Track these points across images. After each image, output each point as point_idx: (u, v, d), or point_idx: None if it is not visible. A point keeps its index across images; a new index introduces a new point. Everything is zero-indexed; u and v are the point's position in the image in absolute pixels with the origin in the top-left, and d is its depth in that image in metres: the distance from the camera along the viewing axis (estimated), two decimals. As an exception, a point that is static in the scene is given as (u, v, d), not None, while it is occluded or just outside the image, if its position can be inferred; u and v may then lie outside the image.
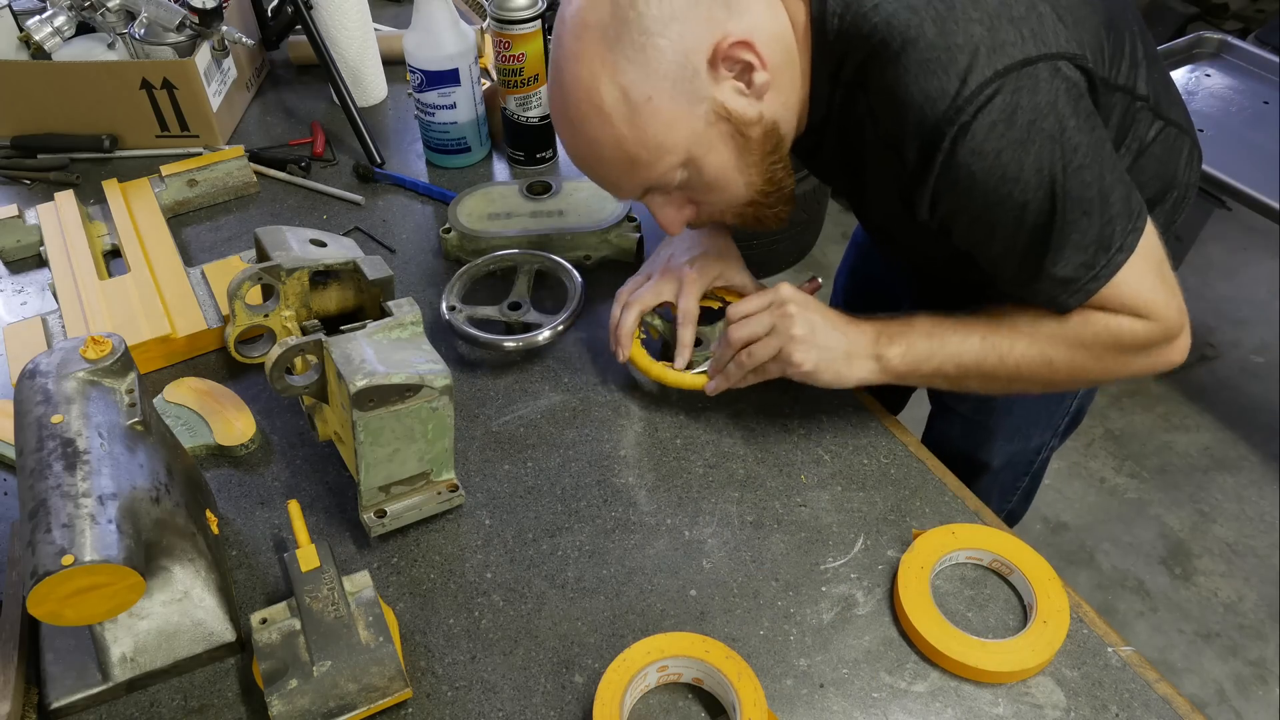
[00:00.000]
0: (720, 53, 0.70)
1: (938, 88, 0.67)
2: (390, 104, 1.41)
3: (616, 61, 0.70)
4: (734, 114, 0.73)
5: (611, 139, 0.73)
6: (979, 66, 0.66)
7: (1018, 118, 0.67)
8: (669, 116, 0.72)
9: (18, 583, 0.73)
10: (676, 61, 0.70)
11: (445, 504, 0.81)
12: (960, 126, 0.67)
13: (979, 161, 0.68)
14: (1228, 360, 2.27)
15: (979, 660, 0.69)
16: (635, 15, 0.69)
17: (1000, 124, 0.67)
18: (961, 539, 0.76)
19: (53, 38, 1.27)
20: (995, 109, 0.67)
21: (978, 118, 0.67)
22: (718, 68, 0.71)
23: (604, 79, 0.70)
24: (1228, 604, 1.81)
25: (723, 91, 0.72)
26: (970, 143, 0.68)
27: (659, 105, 0.71)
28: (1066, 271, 0.73)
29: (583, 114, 0.72)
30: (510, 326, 0.97)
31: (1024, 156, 0.68)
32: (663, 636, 0.69)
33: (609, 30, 0.69)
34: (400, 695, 0.68)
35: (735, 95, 0.73)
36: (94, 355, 0.69)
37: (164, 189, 1.17)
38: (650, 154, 0.74)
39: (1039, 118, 0.68)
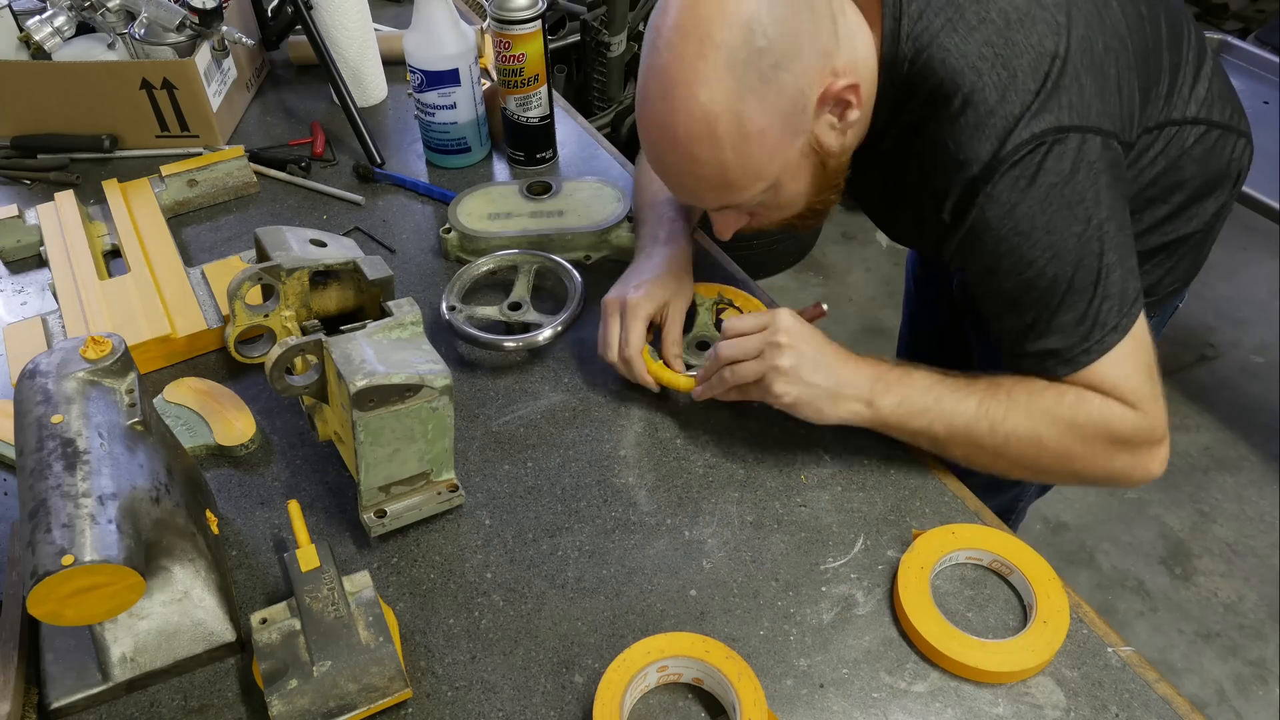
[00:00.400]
0: (831, 93, 0.72)
1: (985, 149, 0.71)
2: (390, 104, 1.41)
3: (741, 92, 0.69)
4: (824, 147, 0.76)
5: (715, 162, 0.73)
6: (1019, 129, 0.70)
7: (1040, 179, 0.71)
8: (773, 148, 0.73)
9: (18, 583, 0.73)
10: (793, 97, 0.71)
11: (445, 504, 0.81)
12: (994, 182, 0.71)
13: (995, 209, 0.72)
14: (1228, 360, 2.28)
15: (979, 660, 0.69)
16: (766, 45, 0.68)
17: (1023, 180, 0.71)
18: (962, 539, 0.77)
19: (53, 38, 1.27)
20: (1022, 165, 0.70)
21: (1007, 173, 0.71)
22: (824, 105, 0.73)
23: (724, 106, 0.69)
24: (1228, 604, 1.81)
25: (820, 126, 0.75)
26: (992, 191, 0.71)
27: (769, 137, 0.72)
28: (1059, 340, 0.75)
29: (692, 134, 0.72)
30: (510, 326, 0.97)
31: (1039, 216, 0.72)
32: (663, 636, 0.69)
33: (738, 56, 0.68)
34: (400, 695, 0.68)
35: (829, 130, 0.75)
36: (94, 355, 0.69)
37: (164, 189, 1.17)
38: (747, 181, 0.75)
39: (1061, 183, 0.71)
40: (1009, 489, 1.22)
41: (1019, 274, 0.74)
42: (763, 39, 0.68)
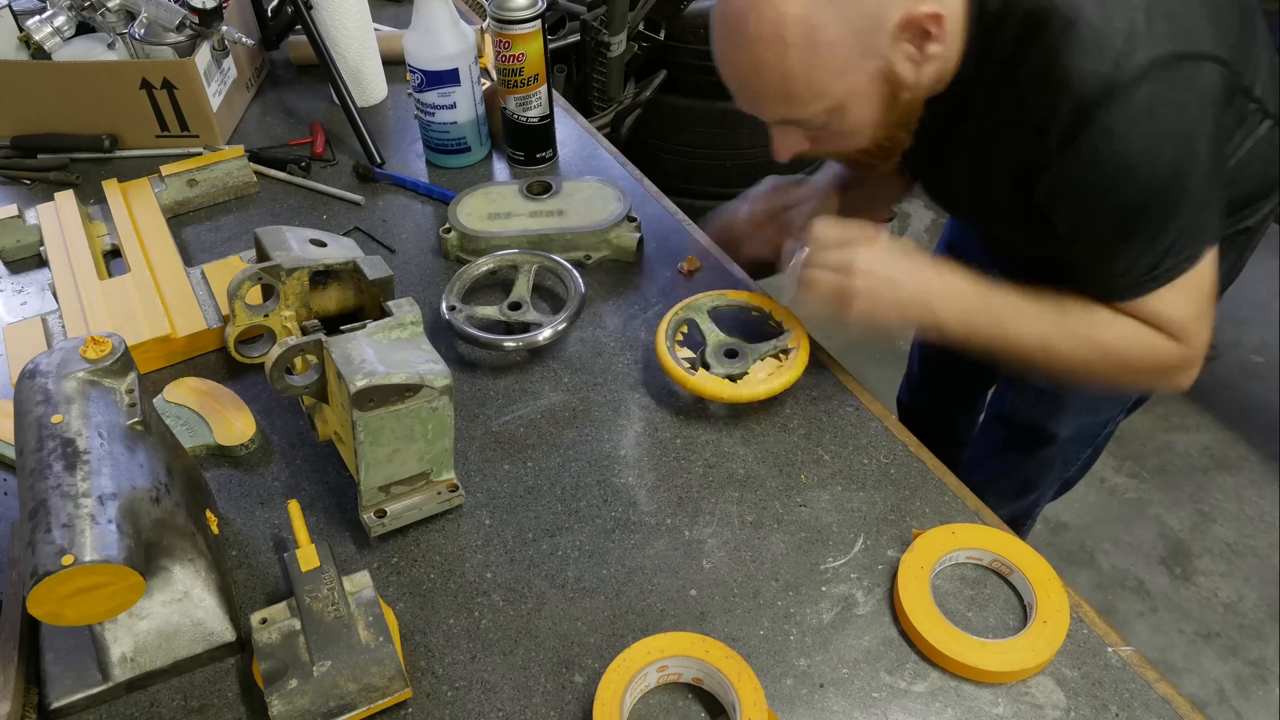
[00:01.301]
0: (913, 19, 0.70)
1: (1093, 69, 0.68)
2: (390, 104, 1.41)
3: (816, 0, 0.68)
4: (898, 77, 0.74)
5: (779, 69, 0.72)
6: (1135, 52, 0.68)
7: (1155, 111, 0.69)
8: (842, 65, 0.71)
9: (18, 583, 0.73)
10: (872, 15, 0.69)
11: (445, 504, 0.81)
12: (1107, 109, 0.69)
13: (1106, 142, 0.70)
14: (1228, 360, 2.27)
15: (979, 660, 0.69)
16: None
17: (1138, 111, 0.69)
18: (961, 539, 0.77)
19: (53, 38, 1.27)
20: (1138, 93, 0.68)
21: (1121, 99, 0.68)
22: (904, 31, 0.71)
23: (798, 10, 0.68)
24: (1228, 604, 1.81)
25: (896, 54, 0.73)
26: (1106, 119, 0.69)
27: (839, 52, 0.70)
28: (1130, 264, 0.76)
29: (760, 35, 0.70)
30: (510, 326, 0.97)
31: (1149, 149, 0.70)
32: (663, 636, 0.69)
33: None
34: (400, 695, 0.68)
35: (905, 60, 0.73)
36: (94, 355, 0.69)
37: (164, 189, 1.17)
38: (810, 94, 0.74)
39: (1174, 115, 0.69)
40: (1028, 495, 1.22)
41: (1111, 202, 0.73)
42: None
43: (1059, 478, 1.24)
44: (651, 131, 2.33)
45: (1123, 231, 0.75)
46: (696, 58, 2.20)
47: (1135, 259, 0.76)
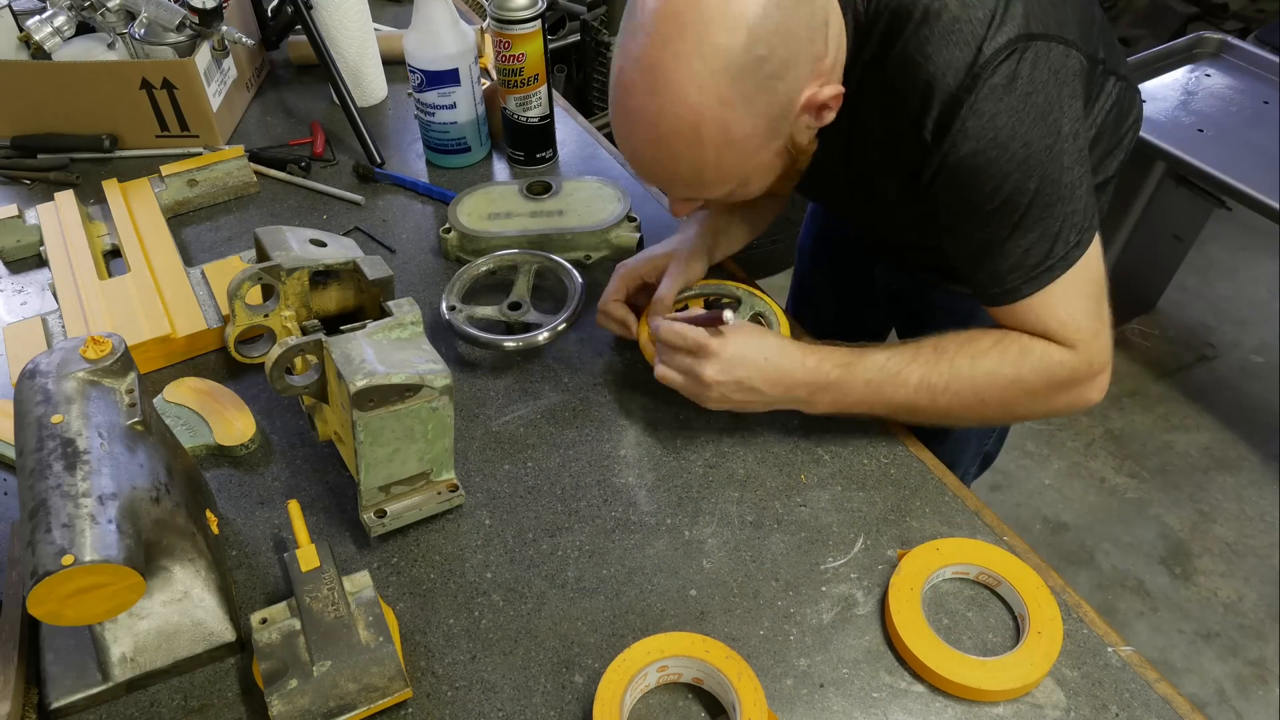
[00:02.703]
0: (814, 102, 0.72)
1: (958, 56, 0.69)
2: (390, 104, 1.41)
3: (735, 99, 0.68)
4: (796, 147, 0.76)
5: (693, 162, 0.72)
6: (993, 36, 0.68)
7: (1016, 86, 0.69)
8: (751, 151, 0.73)
9: (18, 583, 0.73)
10: (782, 106, 0.71)
11: (445, 504, 0.81)
12: (974, 92, 0.69)
13: (976, 121, 0.70)
14: (1228, 360, 2.27)
15: (980, 681, 0.68)
16: (766, 53, 0.67)
17: (1000, 89, 0.69)
18: (946, 554, 0.76)
19: (53, 38, 1.27)
20: (999, 74, 0.69)
21: (986, 82, 0.69)
22: (805, 111, 0.72)
23: (715, 112, 0.68)
24: (1228, 604, 1.81)
25: (798, 129, 0.74)
26: (975, 102, 0.69)
27: (750, 143, 0.72)
28: (1019, 257, 0.75)
29: (676, 132, 0.70)
30: (510, 326, 0.97)
31: (1017, 126, 0.70)
32: (663, 636, 0.69)
33: (736, 64, 0.66)
34: (400, 695, 0.68)
35: (804, 130, 0.75)
36: (94, 355, 0.69)
37: (164, 189, 1.17)
38: (721, 180, 0.75)
39: (1035, 91, 0.70)
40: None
41: (991, 188, 0.72)
42: (764, 47, 0.66)
43: (978, 453, 1.24)
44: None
45: (1010, 219, 0.73)
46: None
47: (1028, 249, 0.74)
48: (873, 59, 0.74)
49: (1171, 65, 1.98)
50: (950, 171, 0.73)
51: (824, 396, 0.81)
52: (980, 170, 0.72)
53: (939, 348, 0.80)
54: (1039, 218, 0.73)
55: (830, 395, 0.81)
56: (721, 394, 0.81)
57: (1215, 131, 1.81)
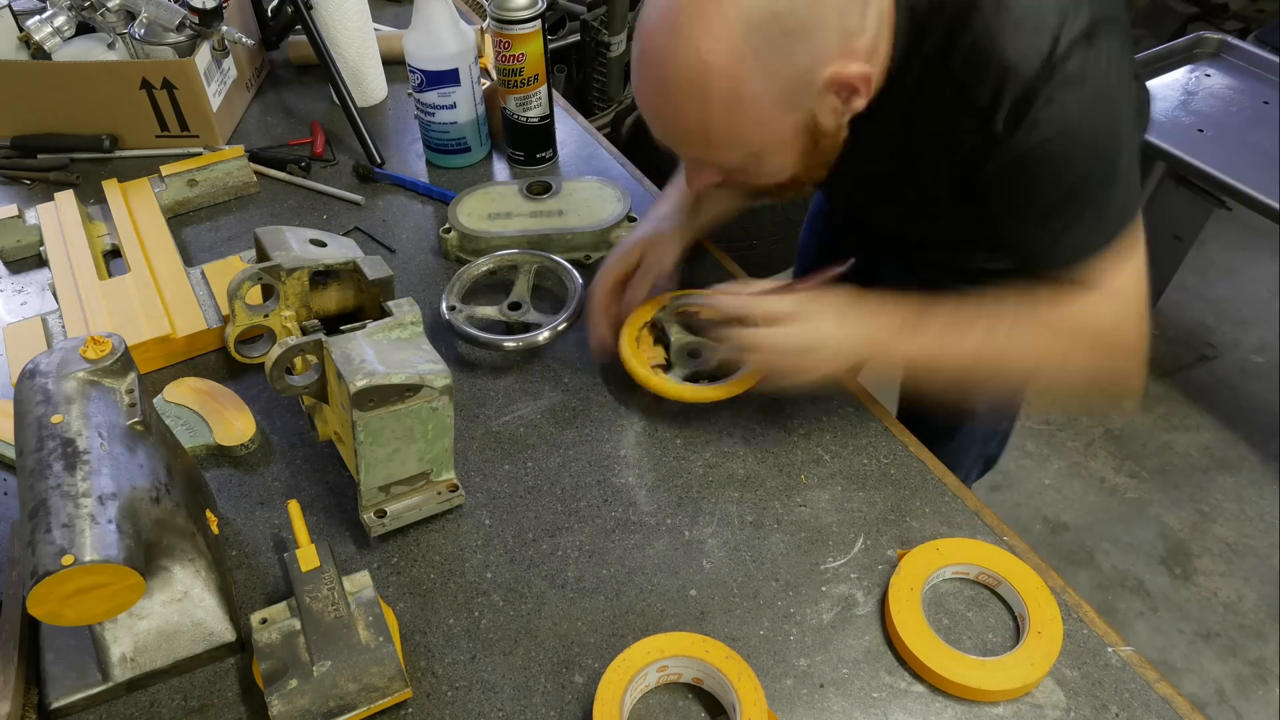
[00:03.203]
0: (841, 77, 0.69)
1: (1036, 45, 0.67)
2: (390, 104, 1.41)
3: (745, 53, 0.65)
4: (820, 128, 0.73)
5: (699, 116, 0.70)
6: (1069, 25, 0.67)
7: (1087, 76, 0.68)
8: (764, 118, 0.70)
9: (18, 583, 0.73)
10: (799, 72, 0.67)
11: (445, 504, 0.81)
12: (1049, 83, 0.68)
13: (1049, 116, 0.69)
14: (1228, 360, 2.27)
15: (981, 681, 0.68)
16: (785, 9, 0.64)
17: (1075, 78, 0.68)
18: (946, 555, 0.76)
19: (53, 38, 1.27)
20: (1073, 63, 0.68)
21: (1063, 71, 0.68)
22: (831, 87, 0.69)
23: (724, 63, 0.66)
24: (1228, 604, 1.81)
25: (821, 107, 0.71)
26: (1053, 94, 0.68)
27: (762, 105, 0.68)
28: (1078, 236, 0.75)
29: (684, 80, 0.68)
30: (510, 326, 0.97)
31: (1085, 115, 0.69)
32: (663, 636, 0.69)
33: (753, 14, 0.64)
34: (400, 695, 0.68)
35: (829, 112, 0.72)
36: (94, 355, 0.69)
37: (164, 189, 1.17)
38: (728, 142, 0.72)
39: (1103, 80, 0.69)
40: None
41: (1055, 178, 0.72)
42: (784, 3, 0.64)
43: (980, 455, 1.24)
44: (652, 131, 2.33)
45: (1071, 207, 0.73)
46: (696, 58, 2.20)
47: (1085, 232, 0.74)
48: (935, 51, 0.71)
49: (1171, 65, 1.98)
50: (1016, 161, 0.72)
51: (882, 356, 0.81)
52: (1048, 160, 0.71)
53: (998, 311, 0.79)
54: (1101, 201, 0.73)
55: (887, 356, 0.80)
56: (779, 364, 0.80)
57: (1215, 131, 1.81)
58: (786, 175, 0.78)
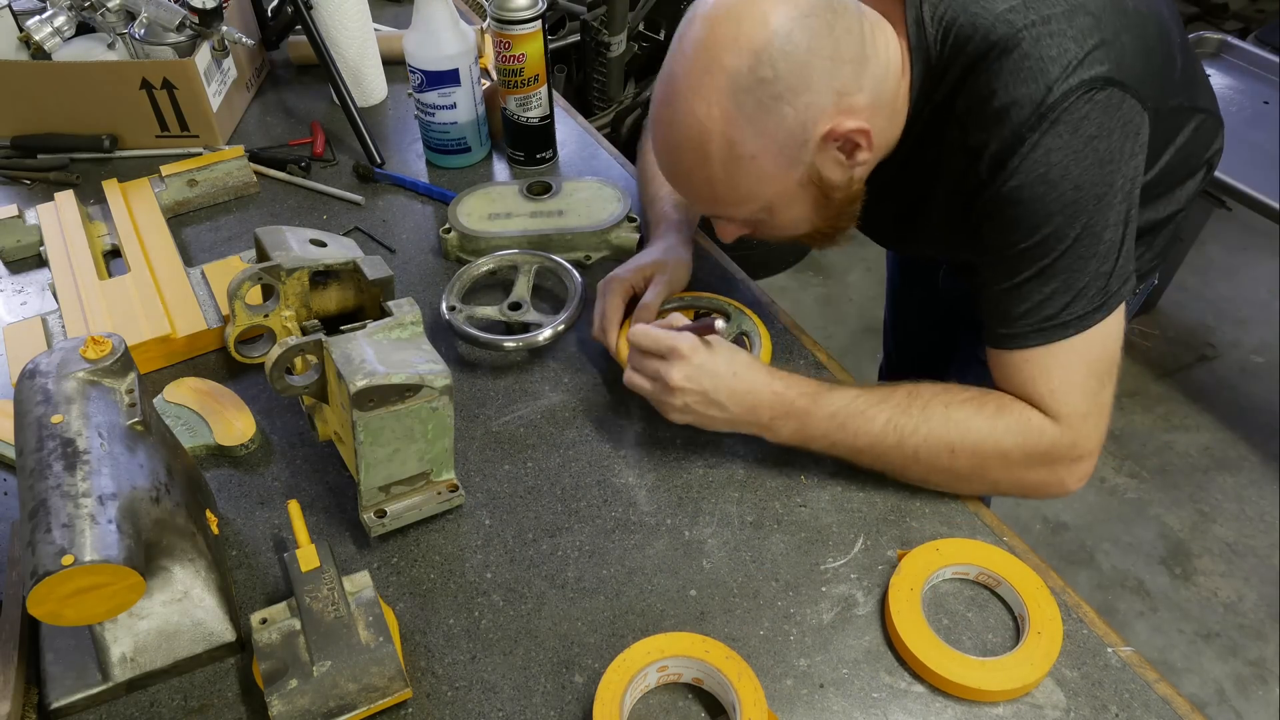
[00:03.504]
0: (836, 134, 0.71)
1: (1026, 94, 0.69)
2: (390, 104, 1.41)
3: (736, 116, 0.70)
4: (825, 181, 0.75)
5: (704, 176, 0.74)
6: (1068, 75, 0.68)
7: (1082, 129, 0.69)
8: (765, 175, 0.73)
9: (18, 583, 0.73)
10: (793, 131, 0.71)
11: (445, 504, 0.81)
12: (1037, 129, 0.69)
13: (1035, 156, 0.70)
14: (1228, 360, 2.28)
15: (981, 681, 0.68)
16: (770, 76, 0.68)
17: (1066, 128, 0.69)
18: (946, 555, 0.76)
19: (53, 38, 1.27)
20: (1069, 113, 0.68)
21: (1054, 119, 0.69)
22: (829, 142, 0.72)
23: (718, 126, 0.70)
24: (1228, 604, 1.81)
25: (823, 161, 0.74)
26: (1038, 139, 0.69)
27: (760, 164, 0.72)
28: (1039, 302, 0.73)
29: (686, 144, 0.73)
30: (510, 326, 0.97)
31: (1072, 167, 0.70)
32: (663, 636, 0.69)
33: (740, 82, 0.69)
34: (400, 695, 0.68)
35: (834, 165, 0.74)
36: (94, 355, 0.69)
37: (164, 189, 1.17)
38: (736, 199, 0.76)
39: (1100, 137, 0.69)
40: None
41: (1030, 225, 0.71)
42: (769, 70, 0.68)
43: None
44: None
45: (1038, 261, 0.72)
46: (696, 58, 2.20)
47: (1046, 297, 0.73)
48: (944, 98, 0.74)
49: (1171, 65, 1.98)
50: (997, 203, 0.72)
51: (786, 424, 0.80)
52: (1024, 204, 0.71)
53: (914, 393, 0.78)
54: (1067, 268, 0.72)
55: (793, 424, 0.80)
56: (685, 403, 0.80)
57: (1215, 131, 1.81)
58: (807, 227, 0.81)
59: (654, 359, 0.81)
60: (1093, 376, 0.75)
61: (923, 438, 0.76)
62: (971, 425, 0.76)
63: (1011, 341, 0.76)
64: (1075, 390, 0.75)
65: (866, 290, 2.54)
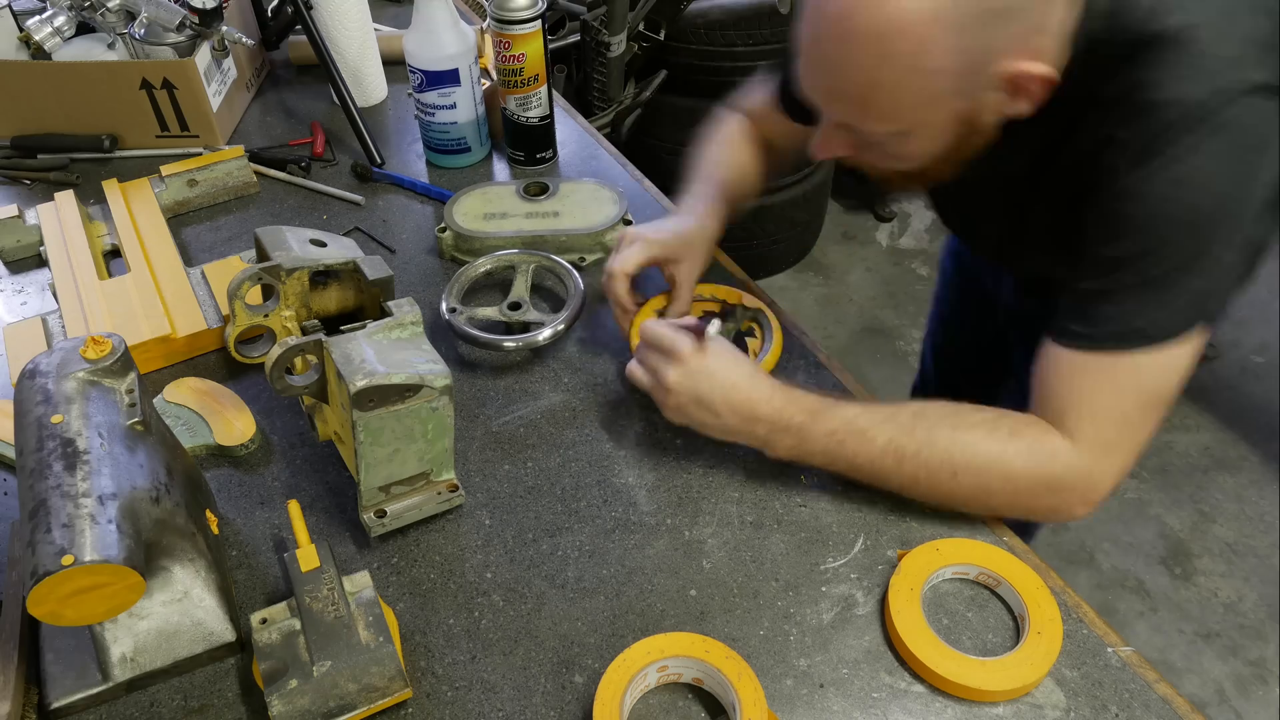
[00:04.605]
0: (1018, 73, 0.65)
1: (1189, 92, 0.64)
2: (390, 104, 1.41)
3: (946, 20, 0.61)
4: (976, 122, 0.69)
5: (867, 76, 0.65)
6: (1234, 76, 0.64)
7: (1239, 136, 0.64)
8: (935, 96, 0.66)
9: (18, 583, 0.73)
10: (984, 55, 0.64)
11: (445, 504, 0.81)
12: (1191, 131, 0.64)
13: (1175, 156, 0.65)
14: (1228, 360, 2.28)
15: (981, 681, 0.68)
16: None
17: (1224, 137, 0.64)
18: (946, 554, 0.76)
19: (53, 38, 1.27)
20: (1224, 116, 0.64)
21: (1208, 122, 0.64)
22: (1001, 81, 0.66)
23: (919, 27, 0.61)
24: (1228, 604, 1.81)
25: (984, 101, 0.68)
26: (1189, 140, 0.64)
27: (935, 83, 0.65)
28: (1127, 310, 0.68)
29: (868, 35, 0.63)
30: (510, 326, 0.97)
31: (1218, 178, 0.64)
32: (663, 636, 0.69)
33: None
34: (400, 695, 0.68)
35: (988, 109, 0.69)
36: (94, 355, 0.69)
37: (164, 189, 1.17)
38: (885, 113, 0.68)
39: (1250, 147, 0.64)
40: None
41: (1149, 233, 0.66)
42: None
43: None
44: (651, 131, 2.34)
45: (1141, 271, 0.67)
46: (697, 58, 2.20)
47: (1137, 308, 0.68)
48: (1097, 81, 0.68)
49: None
50: (1122, 198, 0.67)
51: (784, 439, 0.78)
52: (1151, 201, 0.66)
53: (920, 413, 0.75)
54: (1173, 283, 0.66)
55: (790, 439, 0.77)
56: (678, 404, 0.80)
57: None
58: (917, 164, 0.74)
59: (656, 354, 0.81)
60: (1138, 408, 0.70)
61: (924, 461, 0.73)
62: (979, 449, 0.72)
63: (1083, 342, 0.70)
64: (1114, 417, 0.70)
65: (866, 290, 2.54)
